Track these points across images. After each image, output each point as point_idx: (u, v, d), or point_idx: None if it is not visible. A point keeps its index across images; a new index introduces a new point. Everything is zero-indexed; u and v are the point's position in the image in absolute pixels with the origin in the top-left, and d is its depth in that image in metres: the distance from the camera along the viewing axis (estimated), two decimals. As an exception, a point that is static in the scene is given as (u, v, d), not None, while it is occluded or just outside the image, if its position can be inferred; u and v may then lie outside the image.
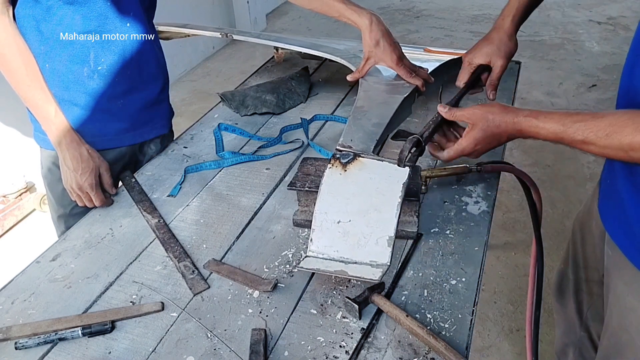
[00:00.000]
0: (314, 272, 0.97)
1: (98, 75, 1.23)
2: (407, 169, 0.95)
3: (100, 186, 1.23)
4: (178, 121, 1.55)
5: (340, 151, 1.01)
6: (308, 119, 1.51)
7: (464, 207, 1.14)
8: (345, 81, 1.33)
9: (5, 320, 0.93)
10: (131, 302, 0.95)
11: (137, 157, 1.42)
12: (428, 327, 0.85)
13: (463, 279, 0.96)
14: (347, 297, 0.89)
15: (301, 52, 1.79)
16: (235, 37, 1.66)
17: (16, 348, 0.87)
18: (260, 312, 0.92)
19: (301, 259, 0.96)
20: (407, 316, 0.86)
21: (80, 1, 1.14)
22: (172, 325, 0.90)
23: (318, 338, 0.87)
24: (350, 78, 1.31)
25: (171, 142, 1.46)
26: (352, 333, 0.87)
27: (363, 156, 0.99)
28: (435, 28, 4.90)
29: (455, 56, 1.51)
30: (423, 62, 1.39)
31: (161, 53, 1.40)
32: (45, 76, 1.18)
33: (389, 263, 0.90)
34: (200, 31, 1.72)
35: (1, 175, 2.61)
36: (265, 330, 0.88)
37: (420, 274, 0.98)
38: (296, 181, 1.08)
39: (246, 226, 1.13)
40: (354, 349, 0.84)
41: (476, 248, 1.03)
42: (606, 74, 3.83)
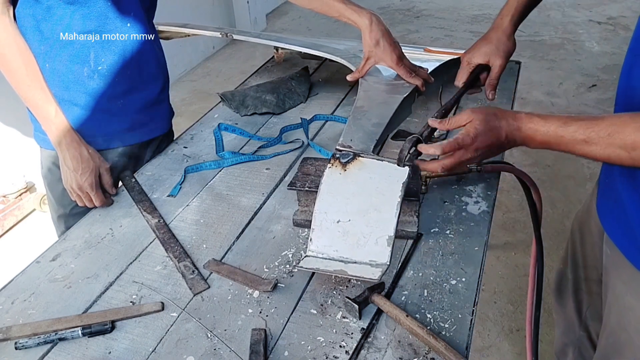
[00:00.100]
0: (314, 272, 0.97)
1: (98, 75, 1.23)
2: (407, 169, 0.95)
3: (100, 186, 1.23)
4: (178, 121, 1.55)
5: (340, 151, 1.01)
6: (308, 119, 1.51)
7: (464, 207, 1.14)
8: (345, 81, 1.33)
9: (5, 320, 0.93)
10: (131, 302, 0.95)
11: (137, 157, 1.42)
12: (428, 327, 0.85)
13: (463, 279, 0.96)
14: (347, 297, 0.89)
15: (301, 52, 1.79)
16: (235, 37, 1.66)
17: (16, 348, 0.87)
18: (260, 312, 0.92)
19: (301, 259, 0.96)
20: (407, 316, 0.86)
21: (80, 1, 1.14)
22: (172, 325, 0.90)
23: (318, 338, 0.87)
24: (350, 78, 1.31)
25: (171, 142, 1.46)
26: (352, 333, 0.87)
27: (363, 156, 0.99)
28: (435, 28, 4.90)
29: (455, 56, 1.51)
30: (423, 62, 1.39)
31: (161, 53, 1.40)
32: (45, 76, 1.18)
33: (389, 263, 0.89)
34: (200, 31, 1.72)
35: (1, 175, 2.61)
36: (265, 330, 0.88)
37: (420, 274, 0.98)
38: (296, 181, 1.08)
39: (246, 226, 1.13)
40: (354, 349, 0.84)
41: (476, 248, 1.03)
42: (606, 74, 3.83)
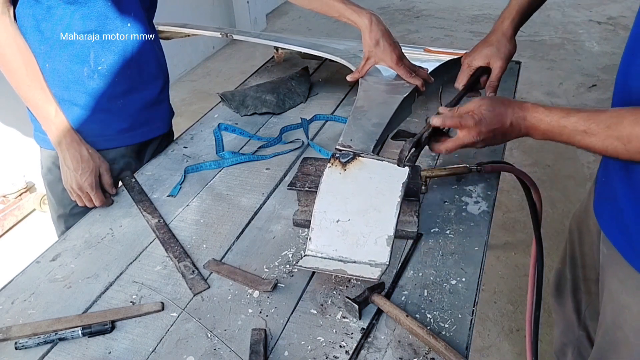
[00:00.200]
0: (314, 272, 0.97)
1: (98, 75, 1.23)
2: (407, 169, 0.95)
3: (100, 186, 1.23)
4: (178, 121, 1.55)
5: (340, 151, 1.01)
6: (308, 119, 1.51)
7: (464, 207, 1.14)
8: (345, 81, 1.33)
9: (5, 320, 0.93)
10: (131, 302, 0.95)
11: (137, 157, 1.42)
12: (428, 327, 0.85)
13: (463, 279, 0.96)
14: (347, 297, 0.89)
15: (301, 52, 1.79)
16: (235, 37, 1.66)
17: (16, 348, 0.87)
18: (260, 312, 0.92)
19: (300, 258, 0.96)
20: (407, 316, 0.86)
21: (80, 1, 1.14)
22: (172, 325, 0.90)
23: (318, 338, 0.87)
24: (350, 78, 1.31)
25: (171, 142, 1.46)
26: (352, 333, 0.87)
27: (363, 156, 0.99)
28: (435, 28, 4.90)
29: (455, 56, 1.51)
30: (423, 62, 1.39)
31: (161, 53, 1.40)
32: (45, 76, 1.18)
33: (388, 262, 0.89)
34: (200, 31, 1.72)
35: (1, 175, 2.61)
36: (265, 330, 0.88)
37: (420, 274, 0.98)
38: (296, 181, 1.08)
39: (246, 226, 1.13)
40: (354, 349, 0.84)
41: (476, 248, 1.03)
42: (606, 74, 3.83)
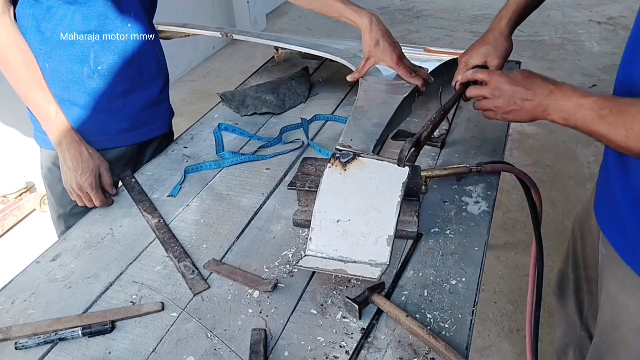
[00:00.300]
0: (314, 272, 0.97)
1: (98, 75, 1.23)
2: (407, 169, 0.95)
3: (100, 186, 1.23)
4: (178, 121, 1.55)
5: (340, 151, 1.01)
6: (308, 119, 1.51)
7: (464, 207, 1.14)
8: (345, 81, 1.33)
9: (5, 320, 0.93)
10: (131, 302, 0.95)
11: (137, 157, 1.42)
12: (428, 327, 0.85)
13: (463, 279, 0.96)
14: (347, 297, 0.89)
15: (301, 52, 1.79)
16: (235, 37, 1.66)
17: (16, 348, 0.87)
18: (260, 312, 0.92)
19: (300, 258, 0.96)
20: (407, 316, 0.86)
21: (80, 1, 1.14)
22: (172, 325, 0.90)
23: (318, 338, 0.87)
24: (350, 78, 1.31)
25: (171, 142, 1.46)
26: (352, 333, 0.87)
27: (363, 156, 0.99)
28: (435, 28, 4.90)
29: (455, 56, 1.51)
30: (423, 62, 1.39)
31: (161, 53, 1.40)
32: (45, 76, 1.18)
33: (388, 262, 0.89)
34: (200, 31, 1.72)
35: (1, 175, 2.61)
36: (265, 330, 0.88)
37: (420, 274, 0.98)
38: (296, 181, 1.08)
39: (246, 226, 1.13)
40: (354, 349, 0.84)
41: (476, 248, 1.03)
42: (606, 74, 3.83)
